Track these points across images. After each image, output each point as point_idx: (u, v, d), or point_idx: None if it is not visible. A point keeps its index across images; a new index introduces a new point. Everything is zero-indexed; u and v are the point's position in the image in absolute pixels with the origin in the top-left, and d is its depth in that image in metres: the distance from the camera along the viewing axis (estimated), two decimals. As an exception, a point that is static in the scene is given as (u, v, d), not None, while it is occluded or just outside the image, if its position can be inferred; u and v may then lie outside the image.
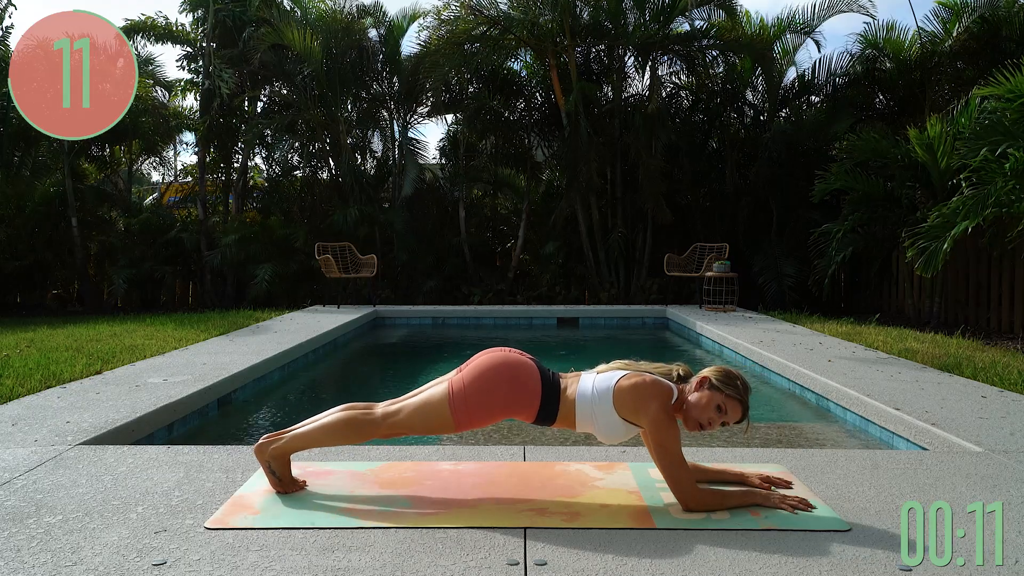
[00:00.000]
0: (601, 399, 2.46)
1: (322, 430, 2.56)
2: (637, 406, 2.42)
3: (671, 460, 2.39)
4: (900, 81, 10.95)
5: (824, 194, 9.19)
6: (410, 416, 2.51)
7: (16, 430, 3.45)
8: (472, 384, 2.47)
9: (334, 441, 2.59)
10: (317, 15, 12.26)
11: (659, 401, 2.41)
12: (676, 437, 2.40)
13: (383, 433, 2.54)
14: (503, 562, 2.03)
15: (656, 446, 2.41)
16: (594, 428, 2.51)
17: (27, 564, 2.02)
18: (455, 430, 2.52)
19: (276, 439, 2.58)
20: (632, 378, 2.47)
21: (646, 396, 2.42)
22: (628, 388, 2.45)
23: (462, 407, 2.46)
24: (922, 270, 6.88)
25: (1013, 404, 4.07)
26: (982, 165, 6.44)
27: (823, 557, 2.07)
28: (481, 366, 2.52)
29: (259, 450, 2.58)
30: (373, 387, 6.39)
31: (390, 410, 2.55)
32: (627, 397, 2.44)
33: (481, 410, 2.48)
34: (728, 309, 9.95)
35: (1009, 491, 2.66)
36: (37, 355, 5.64)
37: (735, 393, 2.42)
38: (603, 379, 2.51)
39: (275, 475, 2.57)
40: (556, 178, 12.85)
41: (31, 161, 11.92)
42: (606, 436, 2.51)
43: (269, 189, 13.26)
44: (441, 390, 2.51)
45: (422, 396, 2.56)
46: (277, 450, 2.56)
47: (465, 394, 2.46)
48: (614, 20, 11.62)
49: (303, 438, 2.56)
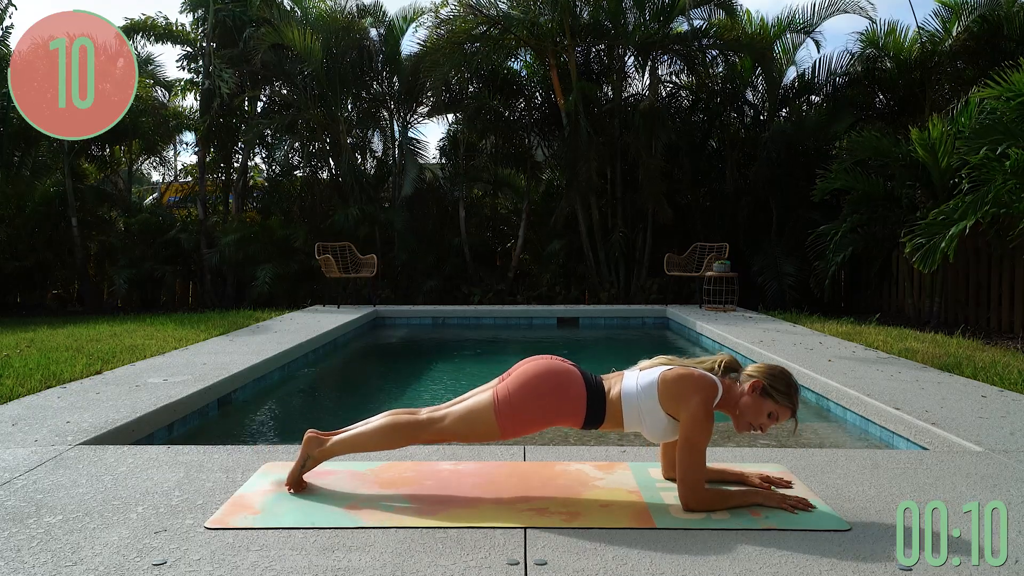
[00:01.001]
0: (646, 394, 2.45)
1: (367, 435, 2.56)
2: (680, 397, 2.40)
3: (693, 458, 2.38)
4: (900, 81, 10.95)
5: (825, 193, 9.19)
6: (455, 423, 2.51)
7: (16, 430, 3.45)
8: (517, 393, 2.46)
9: (378, 446, 2.59)
10: (317, 15, 12.26)
11: (702, 396, 2.39)
12: (707, 437, 2.39)
13: (427, 438, 2.55)
14: (503, 562, 2.03)
15: (685, 440, 2.39)
16: (641, 426, 2.50)
17: (27, 564, 2.02)
18: (501, 438, 2.52)
19: (325, 438, 2.60)
20: (678, 370, 2.47)
21: (690, 389, 2.41)
22: (673, 379, 2.44)
23: (508, 415, 2.45)
24: (920, 265, 6.88)
25: (1013, 404, 4.07)
26: (982, 163, 6.43)
27: (823, 557, 2.07)
28: (525, 374, 2.50)
29: (309, 442, 2.59)
30: (373, 387, 6.39)
31: (435, 416, 2.55)
32: (672, 388, 2.42)
33: (527, 418, 2.47)
34: (728, 309, 9.95)
35: (1009, 491, 2.66)
36: (37, 355, 5.63)
37: (787, 401, 2.44)
38: (647, 374, 2.50)
39: (303, 468, 2.59)
40: (556, 178, 12.85)
41: (31, 161, 11.93)
42: (653, 434, 2.50)
43: (269, 189, 13.26)
44: (486, 398, 2.50)
45: (467, 404, 2.55)
46: (325, 451, 2.58)
47: (511, 402, 2.45)
48: (614, 20, 11.62)
49: (348, 442, 2.57)
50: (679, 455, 2.41)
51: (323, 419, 4.97)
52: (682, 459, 2.39)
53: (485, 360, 7.69)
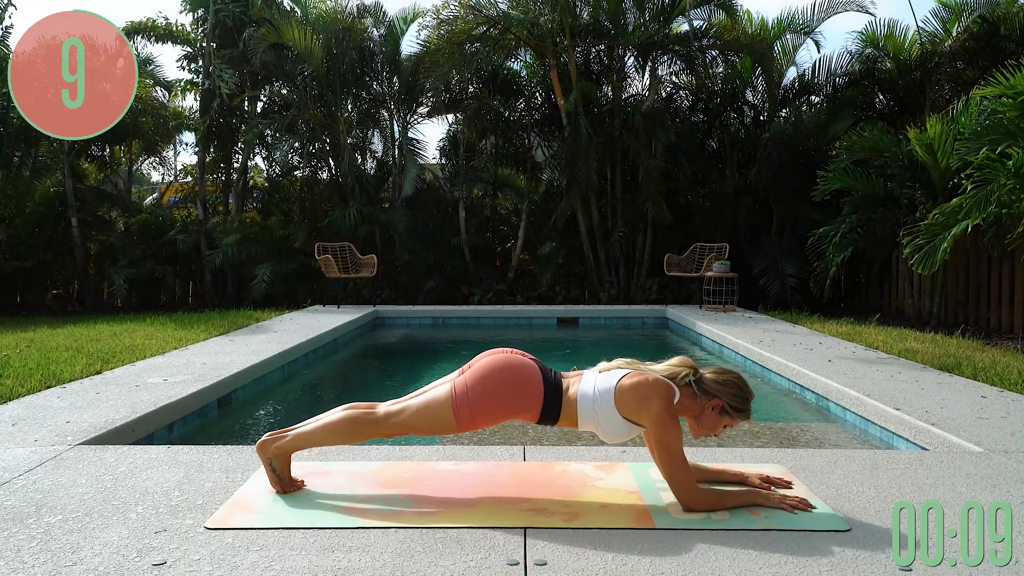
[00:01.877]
0: (603, 399, 2.46)
1: (324, 429, 2.56)
2: (639, 405, 2.42)
3: (672, 460, 2.39)
4: (900, 81, 10.95)
5: (825, 194, 9.18)
6: (413, 416, 2.52)
7: (16, 430, 3.45)
8: (475, 386, 2.48)
9: (336, 440, 2.60)
10: (317, 15, 12.26)
11: (660, 400, 2.41)
12: (678, 437, 2.40)
13: (385, 432, 2.55)
14: (503, 562, 2.03)
15: (657, 445, 2.41)
16: (596, 427, 2.51)
17: (27, 564, 2.02)
18: (458, 431, 2.53)
19: (278, 437, 2.58)
20: (634, 377, 2.48)
21: (648, 395, 2.42)
22: (629, 387, 2.45)
23: (465, 409, 2.46)
24: (919, 267, 6.88)
25: (1013, 404, 4.07)
26: (984, 163, 6.43)
27: (823, 557, 2.07)
28: (484, 368, 2.52)
29: (261, 448, 2.58)
30: (373, 387, 6.39)
31: (392, 410, 2.56)
32: (629, 396, 2.44)
33: (484, 411, 2.49)
34: (728, 309, 9.95)
35: (1009, 491, 2.66)
36: (37, 355, 5.63)
37: (744, 416, 2.51)
38: (605, 378, 2.51)
39: (275, 473, 2.57)
40: (556, 178, 12.85)
41: (31, 161, 11.92)
42: (608, 435, 2.52)
43: (269, 189, 13.25)
44: (444, 391, 2.52)
45: (425, 397, 2.56)
46: (279, 449, 2.57)
47: (468, 396, 2.46)
48: (614, 20, 11.62)
49: (305, 437, 2.57)
50: (659, 461, 2.43)
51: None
52: (663, 464, 2.42)
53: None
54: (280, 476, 2.58)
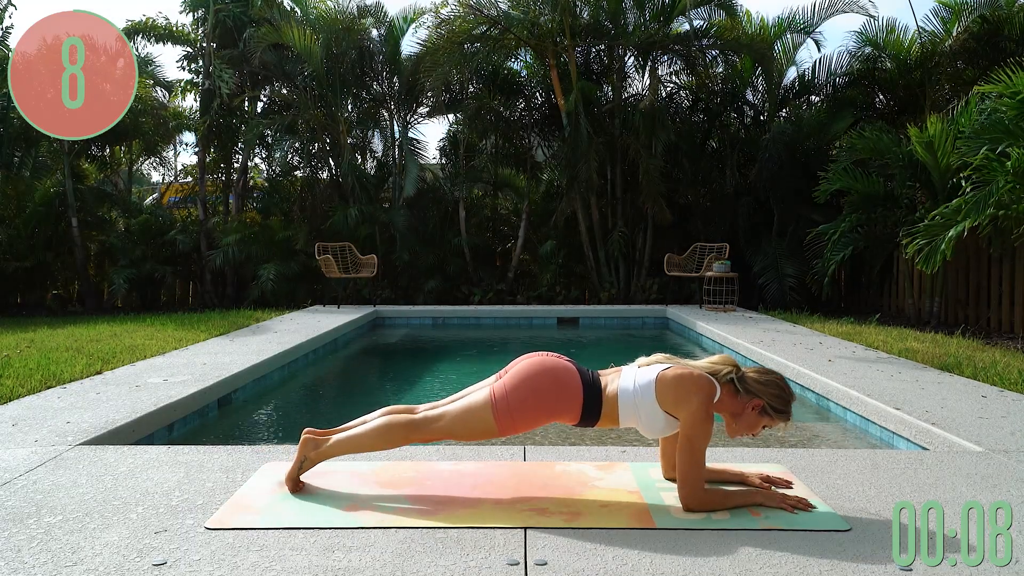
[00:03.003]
0: (644, 392, 2.45)
1: (365, 436, 2.56)
2: (678, 398, 2.41)
3: (693, 458, 2.38)
4: (900, 81, 10.94)
5: (826, 194, 9.18)
6: (452, 422, 2.52)
7: (16, 430, 3.45)
8: (514, 390, 2.47)
9: (376, 446, 2.59)
10: (317, 15, 12.26)
11: (701, 396, 2.39)
12: (707, 437, 2.40)
13: (424, 438, 2.55)
14: (503, 562, 2.03)
15: (685, 440, 2.40)
16: (638, 422, 2.51)
17: (27, 564, 2.02)
18: (498, 435, 2.53)
19: (323, 440, 2.59)
20: (677, 369, 2.47)
21: (690, 389, 2.41)
22: (672, 379, 2.44)
23: (505, 413, 2.46)
24: (922, 265, 6.87)
25: (1013, 404, 4.07)
26: (984, 163, 6.42)
27: (823, 557, 2.07)
28: (522, 372, 2.51)
29: (306, 443, 2.59)
30: (373, 387, 6.39)
31: (431, 415, 2.56)
32: (670, 388, 2.43)
33: (525, 415, 2.48)
34: (728, 309, 9.95)
35: (1009, 491, 2.66)
36: (37, 355, 5.63)
37: (784, 417, 2.50)
38: (645, 372, 2.50)
39: (301, 469, 2.59)
40: (556, 178, 12.84)
41: (31, 161, 11.92)
42: (649, 430, 2.52)
43: (269, 189, 13.25)
44: (483, 396, 2.51)
45: (464, 402, 2.55)
46: (321, 453, 2.58)
47: (508, 400, 2.46)
48: (614, 20, 11.62)
49: (346, 444, 2.57)
50: (679, 455, 2.41)
51: (323, 419, 4.97)
52: (682, 459, 2.40)
53: (485, 360, 7.69)
54: (301, 472, 2.59)
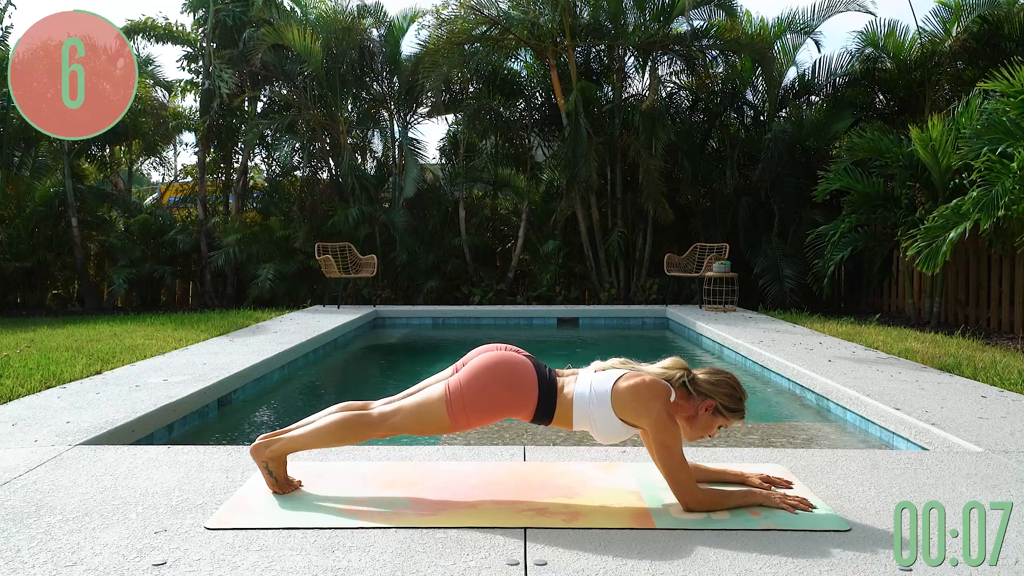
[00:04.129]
0: (599, 400, 2.45)
1: (319, 432, 2.55)
2: (637, 408, 2.42)
3: (673, 460, 2.39)
4: (900, 81, 10.95)
5: (825, 194, 9.19)
6: (407, 417, 2.51)
7: (16, 430, 3.44)
8: (469, 385, 2.46)
9: (331, 443, 2.58)
10: (317, 15, 12.26)
11: (659, 401, 2.40)
12: (677, 437, 2.40)
13: (380, 434, 2.55)
14: (503, 562, 2.03)
15: (657, 446, 2.41)
16: (591, 428, 2.51)
17: (27, 564, 2.02)
18: (452, 431, 2.52)
19: (273, 440, 2.58)
20: (630, 379, 2.47)
21: (646, 397, 2.42)
22: (627, 390, 2.44)
23: (460, 408, 2.45)
24: (922, 267, 6.87)
25: (1013, 404, 4.07)
26: (989, 164, 6.41)
27: (823, 557, 2.07)
28: (477, 366, 2.50)
29: (256, 451, 2.57)
30: (373, 387, 6.39)
31: (386, 411, 2.55)
32: (626, 399, 2.43)
33: (479, 411, 2.47)
34: (728, 309, 9.95)
35: (1009, 491, 2.66)
36: (37, 355, 5.63)
37: (738, 416, 2.50)
38: (601, 379, 2.50)
39: (272, 475, 2.57)
40: (556, 178, 12.85)
41: (31, 161, 11.92)
42: (604, 437, 2.51)
43: (269, 189, 13.26)
44: (438, 391, 2.50)
45: (419, 397, 2.54)
46: (275, 452, 2.56)
47: (462, 395, 2.45)
48: (614, 20, 11.62)
49: (300, 440, 2.56)
50: (660, 462, 2.42)
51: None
52: (664, 465, 2.41)
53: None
54: (276, 478, 2.57)
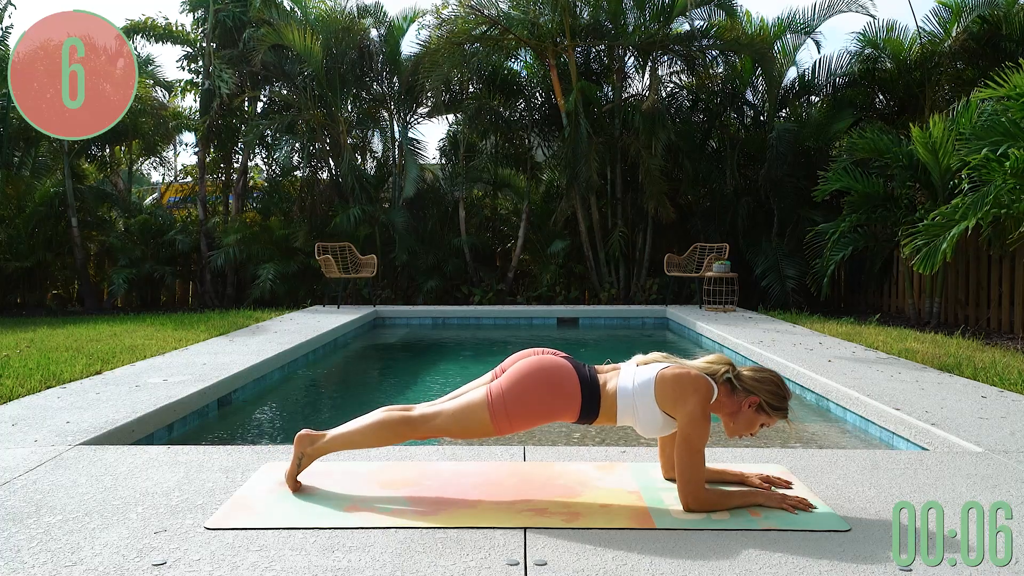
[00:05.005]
0: (642, 391, 2.45)
1: (361, 432, 2.57)
2: (676, 397, 2.41)
3: (693, 459, 2.38)
4: (900, 81, 10.95)
5: (826, 194, 9.19)
6: (449, 420, 2.52)
7: (16, 430, 3.44)
8: (511, 390, 2.46)
9: (372, 443, 2.60)
10: (317, 15, 12.26)
11: (699, 396, 2.40)
12: (704, 437, 2.39)
13: (421, 435, 2.55)
14: (503, 562, 2.03)
15: (683, 440, 2.39)
16: (634, 421, 2.50)
17: (27, 564, 2.02)
18: (494, 434, 2.52)
19: (318, 437, 2.60)
20: (675, 369, 2.47)
21: (688, 389, 2.41)
22: (671, 378, 2.44)
23: (502, 413, 2.45)
24: (920, 267, 6.88)
25: (1013, 404, 4.07)
26: (982, 164, 6.42)
27: (823, 557, 2.07)
28: (519, 371, 2.50)
29: (300, 440, 2.60)
30: (373, 387, 6.39)
31: (428, 412, 2.55)
32: (668, 388, 2.43)
33: (522, 415, 2.48)
34: (728, 309, 9.95)
35: (1009, 491, 2.66)
36: (37, 355, 5.63)
37: (781, 414, 2.50)
38: (643, 371, 2.50)
39: (299, 467, 2.60)
40: (556, 178, 12.85)
41: (31, 161, 11.93)
42: (646, 429, 2.51)
43: (269, 189, 13.26)
44: (480, 395, 2.50)
45: (461, 401, 2.55)
46: (317, 448, 2.59)
47: (504, 400, 2.45)
48: (614, 20, 11.63)
49: (342, 439, 2.58)
50: (678, 456, 2.41)
51: (323, 419, 4.97)
52: (681, 459, 2.40)
53: (485, 360, 7.69)
54: (300, 470, 2.60)
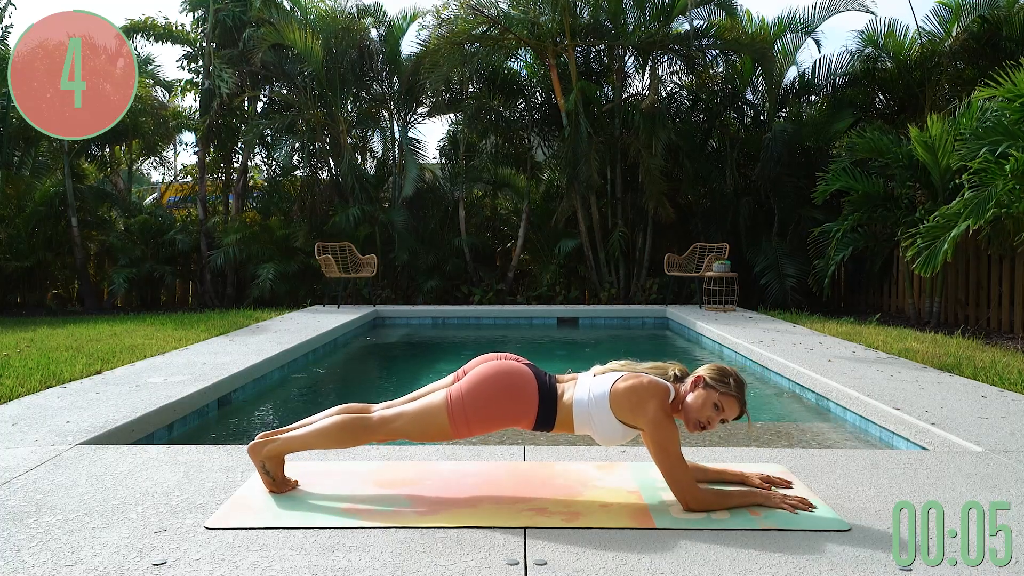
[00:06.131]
0: (598, 403, 2.46)
1: (318, 434, 2.55)
2: (635, 408, 2.42)
3: (671, 460, 2.39)
4: (900, 81, 10.95)
5: (825, 195, 9.19)
6: (407, 423, 2.52)
7: (16, 430, 3.44)
8: (470, 394, 2.47)
9: (329, 445, 2.59)
10: (317, 15, 12.26)
11: (656, 401, 2.41)
12: (675, 437, 2.40)
13: (379, 438, 2.55)
14: (503, 562, 2.03)
15: (655, 446, 2.41)
16: (592, 432, 2.51)
17: (27, 564, 2.02)
18: (452, 438, 2.53)
19: (271, 439, 2.58)
20: (628, 380, 2.48)
21: (643, 397, 2.42)
22: (624, 391, 2.45)
23: (460, 417, 2.46)
24: (921, 269, 6.88)
25: (1013, 404, 4.07)
26: (983, 166, 6.42)
27: (823, 557, 2.07)
28: (478, 375, 2.52)
29: (253, 450, 2.58)
30: (373, 387, 6.39)
31: (387, 415, 2.55)
32: (624, 400, 2.44)
33: (480, 419, 2.48)
34: (728, 309, 9.95)
35: (1009, 491, 2.66)
36: (37, 355, 5.63)
37: (729, 390, 2.43)
38: (599, 383, 2.51)
39: (268, 475, 2.57)
40: (556, 178, 12.86)
41: (31, 161, 11.92)
42: (604, 439, 2.52)
43: (269, 189, 13.26)
44: (439, 399, 2.51)
45: (420, 404, 2.55)
46: (272, 451, 2.56)
47: (463, 404, 2.46)
48: (614, 20, 11.63)
49: (299, 441, 2.56)
50: (657, 463, 2.43)
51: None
52: (661, 466, 2.41)
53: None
54: (273, 477, 2.57)
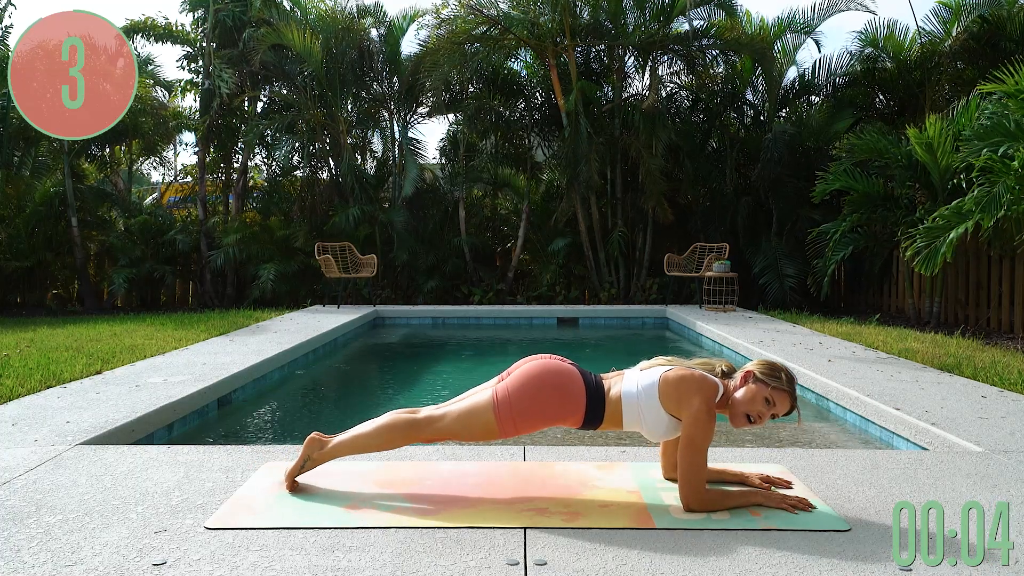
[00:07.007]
0: (647, 394, 2.46)
1: (367, 436, 2.57)
2: (681, 399, 2.41)
3: (695, 457, 2.38)
4: (900, 81, 10.95)
5: (824, 194, 9.19)
6: (454, 423, 2.52)
7: (16, 430, 3.45)
8: (516, 393, 2.47)
9: (378, 446, 2.59)
10: (317, 15, 12.26)
11: (703, 396, 2.40)
12: (708, 437, 2.39)
13: (426, 438, 2.56)
14: (503, 562, 2.03)
15: (687, 439, 2.39)
16: (641, 426, 2.51)
17: (27, 564, 2.02)
18: (499, 437, 2.53)
19: (327, 441, 2.61)
20: (679, 371, 2.48)
21: (692, 389, 2.41)
22: (674, 380, 2.45)
23: (508, 415, 2.46)
24: (921, 268, 6.87)
25: (1013, 404, 4.07)
26: (988, 164, 6.41)
27: (823, 557, 2.07)
28: (525, 374, 2.51)
29: (311, 443, 2.61)
30: (374, 387, 6.39)
31: (434, 415, 2.56)
32: (672, 390, 2.43)
33: (527, 418, 2.48)
34: (728, 309, 9.95)
35: (1009, 491, 2.66)
36: (37, 355, 5.63)
37: (781, 384, 2.43)
38: (647, 375, 2.51)
39: (302, 469, 2.61)
40: (556, 178, 12.85)
41: (31, 161, 11.92)
42: (653, 433, 2.51)
43: (269, 189, 13.26)
44: (486, 398, 2.51)
45: (467, 403, 2.56)
46: (325, 453, 2.59)
47: (510, 403, 2.46)
48: (614, 20, 11.62)
49: (348, 444, 2.58)
50: (681, 455, 2.41)
51: (322, 419, 4.98)
52: (684, 459, 2.40)
53: (485, 360, 7.69)
54: (303, 471, 2.61)
